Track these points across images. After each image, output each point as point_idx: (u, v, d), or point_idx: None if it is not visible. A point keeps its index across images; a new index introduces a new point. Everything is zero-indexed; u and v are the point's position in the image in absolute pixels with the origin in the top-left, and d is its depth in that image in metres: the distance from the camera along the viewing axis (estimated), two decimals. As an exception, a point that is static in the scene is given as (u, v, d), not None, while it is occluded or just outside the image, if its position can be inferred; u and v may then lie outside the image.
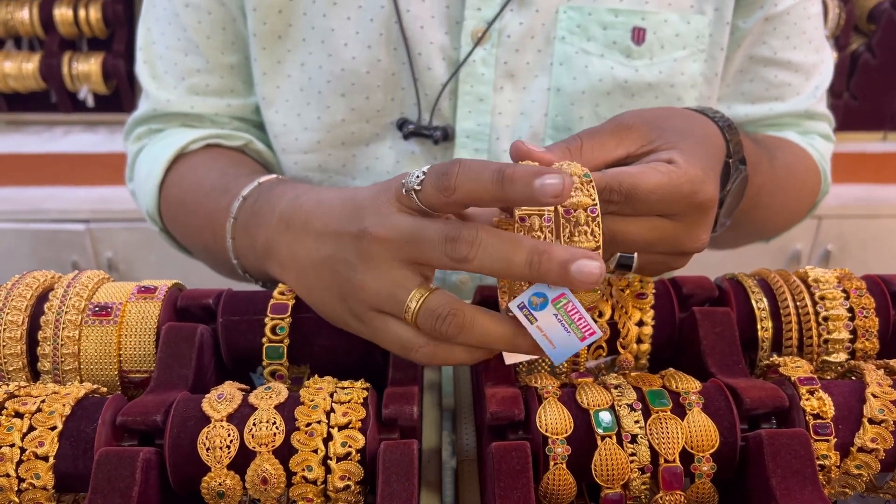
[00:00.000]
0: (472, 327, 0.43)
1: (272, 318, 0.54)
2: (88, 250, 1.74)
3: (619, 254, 0.49)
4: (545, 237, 0.43)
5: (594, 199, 0.43)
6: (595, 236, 0.43)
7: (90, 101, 1.80)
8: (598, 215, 0.43)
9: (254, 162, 0.78)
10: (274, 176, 0.63)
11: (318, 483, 0.43)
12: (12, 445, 0.43)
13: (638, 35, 0.71)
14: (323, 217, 0.50)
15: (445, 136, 0.74)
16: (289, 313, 0.54)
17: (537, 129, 0.75)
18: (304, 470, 0.43)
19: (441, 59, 0.72)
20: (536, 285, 0.42)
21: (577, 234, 0.43)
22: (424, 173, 0.44)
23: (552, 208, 0.44)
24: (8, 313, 0.52)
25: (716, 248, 0.88)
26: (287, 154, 0.78)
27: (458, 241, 0.42)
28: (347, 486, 0.43)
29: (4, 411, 0.44)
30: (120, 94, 1.79)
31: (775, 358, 0.51)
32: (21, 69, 1.74)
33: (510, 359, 0.50)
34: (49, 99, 1.82)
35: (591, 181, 0.44)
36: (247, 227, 0.59)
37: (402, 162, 0.77)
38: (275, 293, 0.55)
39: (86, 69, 1.74)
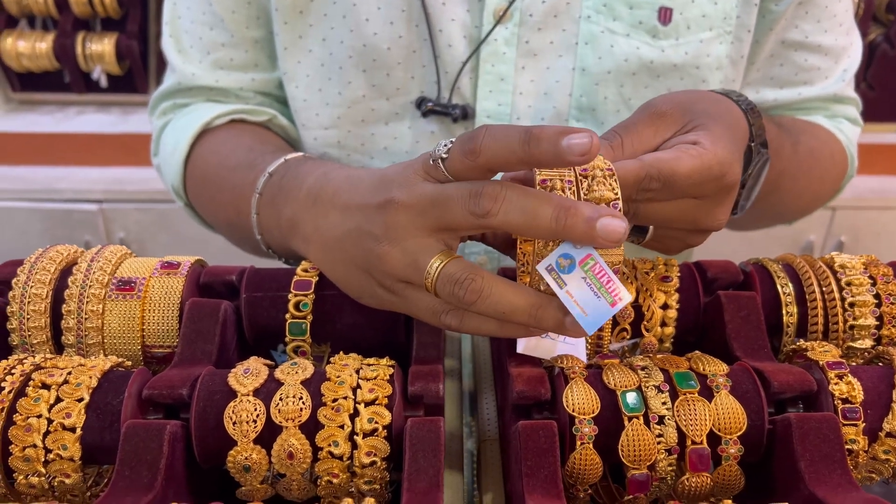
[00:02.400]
0: (490, 295, 0.42)
1: (295, 295, 0.53)
2: (101, 230, 1.74)
3: None
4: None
5: (617, 194, 0.43)
6: (613, 188, 0.43)
7: (103, 82, 1.79)
8: (614, 172, 0.43)
9: (279, 138, 0.78)
10: (301, 154, 0.63)
11: (344, 459, 0.43)
12: (39, 416, 0.43)
13: (664, 15, 0.70)
14: (350, 191, 0.50)
15: (465, 114, 0.73)
16: (312, 290, 0.54)
17: (561, 110, 0.74)
18: (330, 445, 0.43)
19: (462, 36, 0.72)
20: (563, 245, 0.42)
21: (595, 186, 0.43)
22: (452, 142, 0.44)
23: (571, 172, 0.43)
24: (32, 286, 0.52)
25: (737, 228, 0.88)
26: (307, 129, 0.78)
27: (482, 196, 0.42)
28: (373, 463, 0.43)
29: (31, 382, 0.44)
30: (133, 75, 1.79)
31: (802, 342, 0.51)
32: (35, 49, 1.74)
33: (522, 347, 0.49)
34: (62, 79, 1.81)
35: (613, 175, 0.44)
36: (272, 203, 0.59)
37: (422, 142, 0.76)
38: (298, 270, 0.55)
39: (99, 49, 1.74)
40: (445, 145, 0.44)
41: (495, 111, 0.74)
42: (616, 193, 0.43)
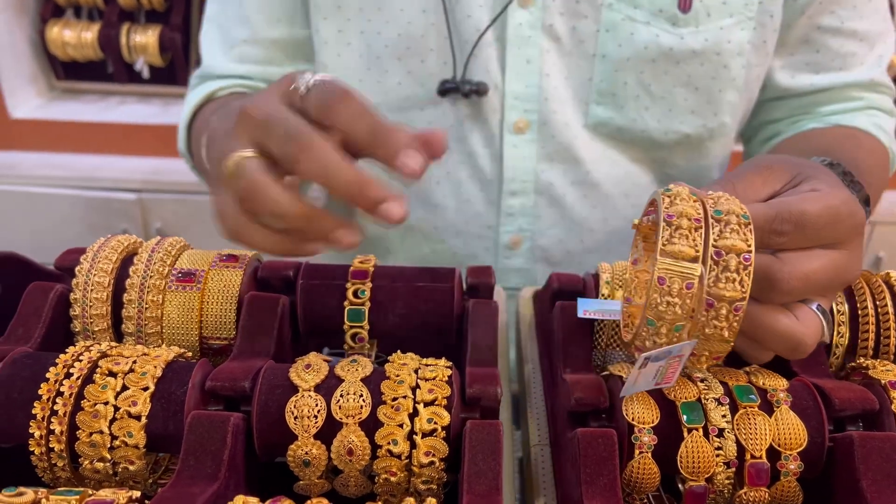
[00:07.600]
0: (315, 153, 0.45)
1: (353, 283, 0.54)
2: (138, 220, 1.77)
3: (818, 311, 0.46)
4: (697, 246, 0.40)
5: (750, 246, 0.41)
6: (746, 239, 0.41)
7: (146, 73, 1.82)
8: (750, 264, 0.40)
9: None
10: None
11: (403, 457, 0.43)
12: (106, 403, 0.44)
13: (685, 3, 0.71)
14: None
15: (479, 90, 0.76)
16: (369, 278, 0.54)
17: (582, 95, 0.77)
18: (389, 443, 0.43)
19: (489, 20, 0.74)
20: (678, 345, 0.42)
21: (727, 233, 0.41)
22: (317, 81, 0.47)
23: (701, 209, 0.42)
24: (95, 275, 0.53)
25: None
26: None
27: (292, 142, 0.45)
28: (432, 463, 0.43)
29: (98, 370, 0.45)
30: (175, 67, 1.81)
31: (863, 360, 0.51)
32: (80, 38, 1.76)
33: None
34: (105, 69, 1.84)
35: (749, 224, 0.41)
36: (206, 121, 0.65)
37: (456, 125, 0.79)
38: (354, 262, 0.56)
39: (143, 41, 1.76)
40: (306, 85, 0.47)
41: (523, 93, 0.77)
42: (749, 245, 0.40)
